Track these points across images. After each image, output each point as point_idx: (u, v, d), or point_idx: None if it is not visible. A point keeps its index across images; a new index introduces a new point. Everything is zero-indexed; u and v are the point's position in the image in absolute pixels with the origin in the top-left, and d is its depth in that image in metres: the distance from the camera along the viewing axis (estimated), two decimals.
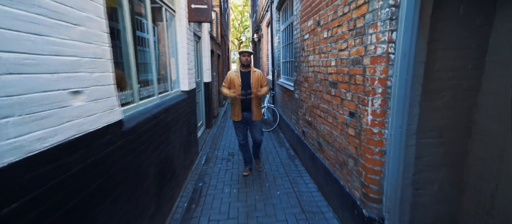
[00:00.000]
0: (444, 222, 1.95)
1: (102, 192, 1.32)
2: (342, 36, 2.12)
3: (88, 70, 1.22)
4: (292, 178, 3.30)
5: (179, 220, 2.41)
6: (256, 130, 3.31)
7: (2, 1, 0.78)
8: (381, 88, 1.64)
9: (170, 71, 3.17)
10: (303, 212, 2.52)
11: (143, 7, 2.39)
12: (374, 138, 1.73)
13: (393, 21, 1.53)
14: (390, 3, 1.51)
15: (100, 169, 1.30)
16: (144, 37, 2.43)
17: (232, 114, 3.32)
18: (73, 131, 1.10)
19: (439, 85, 1.74)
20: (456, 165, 1.87)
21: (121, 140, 1.54)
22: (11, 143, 0.81)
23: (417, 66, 1.60)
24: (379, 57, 1.62)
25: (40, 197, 0.92)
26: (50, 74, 0.97)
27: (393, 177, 1.70)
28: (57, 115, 1.01)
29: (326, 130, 2.64)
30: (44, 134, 0.94)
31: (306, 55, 3.27)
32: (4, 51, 0.78)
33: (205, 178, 3.39)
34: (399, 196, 1.74)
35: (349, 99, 2.04)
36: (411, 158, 1.76)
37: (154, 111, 2.17)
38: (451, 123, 1.81)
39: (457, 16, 1.63)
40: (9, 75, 0.80)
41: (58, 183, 1.00)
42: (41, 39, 0.93)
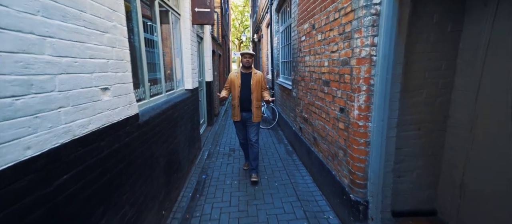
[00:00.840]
0: (423, 205, 2.18)
1: (124, 174, 1.55)
2: (334, 39, 2.34)
3: (113, 70, 1.44)
4: (290, 171, 3.53)
5: (185, 208, 2.63)
6: (251, 131, 3.23)
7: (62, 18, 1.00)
8: (365, 86, 1.87)
9: (175, 70, 3.40)
10: (299, 200, 2.75)
11: (152, 11, 2.61)
12: (359, 130, 1.95)
13: (374, 27, 1.75)
14: (371, 12, 1.73)
15: (122, 154, 1.53)
16: (152, 39, 2.65)
17: (232, 114, 3.36)
18: (103, 121, 1.33)
19: (417, 83, 1.97)
20: (433, 155, 2.10)
21: (138, 131, 1.76)
22: (63, 128, 1.03)
23: (396, 67, 1.83)
24: (363, 59, 1.84)
25: (82, 172, 1.14)
26: (88, 73, 1.20)
27: (375, 165, 1.92)
28: (92, 107, 1.24)
29: (320, 125, 2.87)
30: (83, 122, 1.17)
31: (302, 55, 3.50)
32: (62, 56, 1.01)
33: (208, 171, 3.62)
34: (382, 181, 1.97)
35: (339, 96, 2.27)
36: (392, 148, 1.99)
37: (163, 107, 2.39)
38: (429, 117, 2.04)
39: (431, 23, 1.86)
40: (63, 74, 1.02)
41: (93, 162, 1.23)
42: (82, 45, 1.16)
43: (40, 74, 0.91)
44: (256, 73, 3.21)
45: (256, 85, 3.16)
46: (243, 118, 3.26)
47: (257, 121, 3.26)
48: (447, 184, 2.06)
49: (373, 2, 1.71)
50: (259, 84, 3.18)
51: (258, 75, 3.21)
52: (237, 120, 3.28)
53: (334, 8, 2.30)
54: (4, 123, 0.77)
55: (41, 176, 0.91)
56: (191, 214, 2.52)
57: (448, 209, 2.06)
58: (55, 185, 0.97)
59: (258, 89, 3.18)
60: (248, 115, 3.23)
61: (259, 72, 3.26)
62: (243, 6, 24.40)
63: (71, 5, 1.08)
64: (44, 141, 0.92)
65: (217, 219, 2.44)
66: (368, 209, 2.00)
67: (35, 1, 0.89)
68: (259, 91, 3.19)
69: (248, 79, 3.18)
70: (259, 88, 3.19)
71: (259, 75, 3.22)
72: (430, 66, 1.95)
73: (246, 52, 3.17)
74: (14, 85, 0.81)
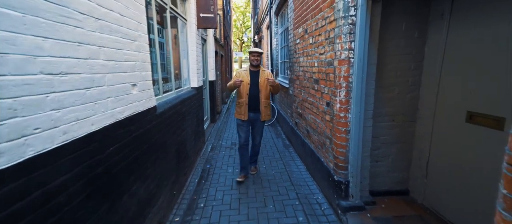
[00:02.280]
0: (397, 186, 2.54)
1: (146, 154, 1.92)
2: (321, 43, 2.71)
3: (139, 70, 1.82)
4: (286, 162, 3.90)
5: (193, 191, 3.01)
6: (257, 131, 3.29)
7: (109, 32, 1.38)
8: (345, 83, 2.23)
9: (182, 70, 3.77)
10: (292, 185, 3.12)
11: (164, 18, 2.99)
12: (341, 121, 2.31)
13: (351, 34, 2.11)
14: (349, 21, 2.09)
15: (145, 138, 1.91)
16: (163, 42, 3.03)
17: (237, 112, 3.22)
18: (133, 109, 1.71)
19: (390, 81, 2.33)
20: (405, 143, 2.46)
21: (156, 121, 2.14)
22: (110, 112, 1.41)
23: (370, 67, 2.19)
24: (343, 60, 2.21)
25: (121, 147, 1.52)
26: (124, 73, 1.58)
27: (354, 149, 2.28)
28: (126, 98, 1.61)
29: (312, 119, 3.23)
30: (121, 109, 1.54)
31: (297, 56, 3.86)
32: (110, 60, 1.39)
33: (211, 161, 4.00)
34: (360, 164, 2.33)
35: (326, 92, 2.63)
36: (369, 136, 2.35)
37: (173, 102, 2.77)
38: (401, 110, 2.40)
39: (401, 31, 2.22)
40: (110, 74, 1.40)
41: (127, 141, 1.61)
42: (120, 51, 1.53)
43: (98, 73, 1.29)
44: (264, 71, 3.16)
45: (265, 82, 3.10)
46: (251, 118, 3.19)
47: (264, 120, 3.24)
48: (416, 167, 2.42)
49: (350, 13, 2.07)
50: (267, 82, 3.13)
51: (267, 73, 3.16)
52: (244, 119, 3.17)
53: (321, 16, 2.66)
54: (80, 107, 1.15)
55: (100, 145, 1.28)
56: (198, 196, 2.90)
57: (417, 188, 2.42)
58: (106, 152, 1.35)
59: (267, 87, 3.13)
60: (255, 116, 3.18)
61: (267, 70, 3.22)
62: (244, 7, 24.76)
63: (115, 22, 1.46)
64: (100, 120, 1.30)
65: (221, 199, 2.81)
66: (349, 188, 2.36)
67: (94, 22, 1.27)
68: (267, 89, 3.14)
69: (257, 76, 3.11)
70: (268, 86, 3.13)
71: (267, 73, 3.17)
72: (401, 67, 2.31)
73: (254, 51, 3.12)
74: (85, 80, 1.18)
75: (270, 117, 3.28)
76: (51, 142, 0.96)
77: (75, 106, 1.11)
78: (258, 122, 3.22)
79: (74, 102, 1.10)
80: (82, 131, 1.15)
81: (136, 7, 1.77)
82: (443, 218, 2.10)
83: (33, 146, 0.88)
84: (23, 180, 0.83)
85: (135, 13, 1.76)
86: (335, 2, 2.27)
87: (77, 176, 1.11)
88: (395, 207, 2.35)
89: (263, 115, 3.18)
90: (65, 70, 1.05)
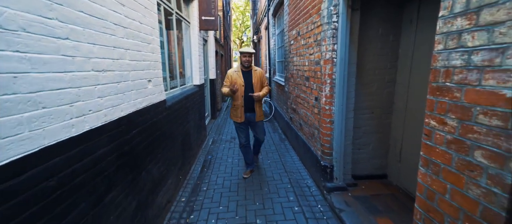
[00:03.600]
0: (377, 171, 2.88)
1: (158, 141, 2.26)
2: (311, 45, 3.04)
3: (152, 68, 2.15)
4: (281, 153, 4.24)
5: (196, 177, 3.35)
6: (260, 131, 3.32)
7: (132, 38, 1.72)
8: (329, 80, 2.56)
9: (186, 69, 4.11)
10: (286, 172, 3.46)
11: (170, 21, 3.32)
12: (326, 112, 2.65)
13: (334, 38, 2.45)
14: (332, 27, 2.43)
15: (158, 126, 2.24)
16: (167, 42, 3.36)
17: (233, 115, 3.21)
18: (148, 101, 2.04)
19: (369, 78, 2.67)
20: (383, 133, 2.80)
21: (165, 112, 2.48)
22: (133, 102, 1.75)
23: (351, 66, 2.53)
24: (328, 60, 2.54)
25: (141, 131, 1.86)
26: (142, 70, 1.91)
27: (338, 137, 2.62)
28: (144, 92, 1.95)
29: (303, 113, 3.57)
30: (140, 101, 1.88)
31: (292, 56, 4.20)
32: (133, 60, 1.72)
33: (212, 153, 4.34)
34: (343, 150, 2.67)
35: (315, 88, 2.97)
36: (351, 126, 2.69)
37: (179, 97, 3.10)
38: (379, 104, 2.74)
39: (378, 35, 2.56)
40: (133, 71, 1.74)
41: (145, 127, 1.94)
42: (140, 53, 1.87)
43: (125, 71, 1.62)
44: (256, 70, 3.15)
45: (258, 83, 3.10)
46: (247, 119, 3.18)
47: (261, 120, 3.26)
48: (393, 154, 2.76)
49: (333, 20, 2.41)
50: (260, 82, 3.14)
51: (258, 72, 3.15)
52: (241, 121, 3.15)
53: (311, 21, 3.00)
54: (114, 96, 1.48)
55: (126, 128, 1.62)
56: (201, 181, 3.24)
57: (393, 172, 2.76)
58: (130, 134, 1.69)
59: (259, 86, 3.13)
60: (251, 116, 3.16)
61: (259, 69, 3.20)
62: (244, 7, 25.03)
63: (136, 29, 1.79)
64: (126, 108, 1.64)
65: (221, 184, 3.16)
66: (333, 171, 2.70)
67: (123, 30, 1.60)
68: (260, 88, 3.14)
69: (249, 77, 3.10)
70: (260, 85, 3.14)
71: (259, 72, 3.16)
72: (379, 66, 2.65)
73: (245, 51, 3.05)
74: (117, 76, 1.52)
75: (263, 118, 3.31)
76: (97, 121, 1.30)
77: (111, 95, 1.45)
78: (255, 121, 3.23)
79: (110, 92, 1.44)
80: (115, 115, 1.49)
81: (150, 15, 2.11)
82: (411, 195, 2.45)
83: (89, 122, 1.22)
84: (82, 147, 1.17)
85: (150, 20, 2.10)
86: (321, 9, 2.61)
87: (112, 150, 1.45)
88: (373, 188, 2.69)
89: (258, 115, 3.19)
90: (105, 68, 1.38)
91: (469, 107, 0.93)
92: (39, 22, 0.92)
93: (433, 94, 1.12)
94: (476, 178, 0.91)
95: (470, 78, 0.92)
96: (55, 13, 1.00)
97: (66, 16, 1.07)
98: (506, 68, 0.79)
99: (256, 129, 3.29)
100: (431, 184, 1.16)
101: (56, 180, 1.00)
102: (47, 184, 0.95)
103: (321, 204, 2.60)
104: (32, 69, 0.89)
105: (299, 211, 2.51)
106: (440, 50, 1.06)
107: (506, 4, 0.77)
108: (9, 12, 0.81)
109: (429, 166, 1.17)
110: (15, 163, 0.82)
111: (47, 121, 0.96)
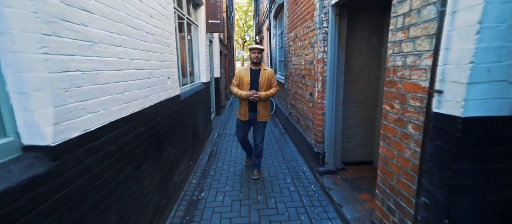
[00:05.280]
0: (364, 158, 3.27)
1: (174, 129, 2.68)
2: (306, 46, 3.44)
3: (171, 67, 2.57)
4: (280, 145, 4.65)
5: (204, 164, 3.77)
6: (258, 133, 3.21)
7: (159, 43, 2.14)
8: (321, 77, 2.96)
9: (194, 68, 4.53)
10: (284, 160, 3.87)
11: (182, 25, 3.74)
12: (319, 106, 3.05)
13: (325, 41, 2.84)
14: (323, 31, 2.82)
15: (174, 116, 2.66)
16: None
17: (239, 113, 3.23)
18: (167, 94, 2.46)
19: (356, 76, 3.06)
20: (369, 124, 3.19)
21: (180, 105, 2.90)
22: (157, 95, 2.16)
23: (340, 66, 2.92)
24: (320, 60, 2.94)
25: (163, 119, 2.28)
26: (164, 69, 2.33)
27: (329, 127, 3.02)
28: (165, 86, 2.37)
29: (300, 107, 3.97)
30: (163, 94, 2.30)
31: (290, 56, 4.59)
32: (158, 60, 2.14)
33: (218, 144, 4.76)
34: (333, 139, 3.07)
35: (309, 85, 3.37)
36: (340, 118, 3.08)
37: (189, 93, 3.52)
38: (365, 98, 3.13)
39: (363, 38, 2.95)
40: (158, 69, 2.16)
41: (165, 115, 2.36)
42: (162, 54, 2.28)
43: (153, 69, 2.04)
44: (265, 70, 3.08)
45: (265, 82, 3.02)
46: (251, 118, 3.13)
47: (263, 121, 3.15)
48: (377, 143, 3.14)
49: (324, 25, 2.80)
50: (267, 82, 3.04)
51: (268, 72, 3.07)
52: (245, 120, 3.12)
53: (306, 25, 3.40)
54: (145, 89, 1.90)
55: (154, 114, 2.04)
56: (208, 167, 3.66)
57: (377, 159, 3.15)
58: (156, 120, 2.11)
59: (267, 87, 3.05)
60: (254, 115, 3.11)
61: (269, 69, 3.13)
62: (247, 7, 25.41)
63: (160, 35, 2.21)
64: (153, 99, 2.06)
65: (227, 170, 3.57)
66: (325, 157, 3.10)
67: (152, 37, 2.02)
68: (267, 89, 3.06)
69: (257, 76, 3.03)
70: (268, 85, 3.06)
71: (269, 72, 3.08)
72: (365, 65, 3.03)
73: (255, 47, 3.03)
74: (148, 73, 1.94)
75: (268, 118, 3.19)
76: (136, 107, 1.72)
77: (144, 88, 1.86)
78: (256, 121, 3.16)
79: (144, 86, 1.86)
80: (147, 104, 1.91)
81: (170, 23, 2.53)
82: None
83: (132, 108, 1.64)
84: (129, 125, 1.59)
85: (170, 27, 2.52)
86: (314, 16, 3.00)
87: (145, 130, 1.87)
88: (360, 172, 3.09)
89: (260, 115, 3.09)
90: (140, 67, 1.80)
91: (405, 94, 1.33)
92: (107, 36, 1.34)
93: (387, 86, 1.52)
94: (408, 144, 1.31)
95: (406, 74, 1.31)
96: (115, 28, 1.42)
97: (120, 30, 1.48)
98: (422, 67, 1.18)
99: (254, 129, 3.24)
100: (386, 153, 1.55)
101: (115, 146, 1.42)
102: (111, 148, 1.37)
103: (314, 185, 3.00)
104: (104, 68, 1.31)
105: (294, 190, 2.92)
106: (390, 54, 1.46)
107: (421, 25, 1.16)
108: (96, 31, 1.23)
109: (385, 140, 1.57)
110: (97, 130, 1.24)
111: (111, 104, 1.38)
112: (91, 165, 1.19)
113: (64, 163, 1.01)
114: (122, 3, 1.51)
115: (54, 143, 0.96)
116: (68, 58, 1.05)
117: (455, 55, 0.99)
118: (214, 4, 4.87)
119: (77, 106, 1.09)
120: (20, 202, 0.80)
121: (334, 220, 2.33)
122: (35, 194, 0.85)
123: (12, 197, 0.78)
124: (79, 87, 1.11)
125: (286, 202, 2.68)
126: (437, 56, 1.06)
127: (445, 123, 1.05)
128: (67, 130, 1.03)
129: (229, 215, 2.47)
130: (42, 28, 0.91)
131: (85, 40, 1.16)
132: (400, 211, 1.42)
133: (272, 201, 2.70)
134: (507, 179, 1.01)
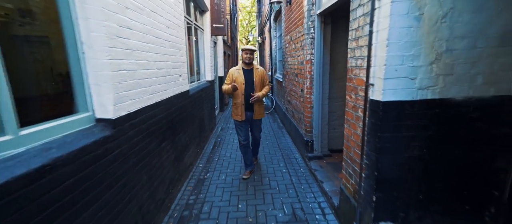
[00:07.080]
0: None
1: (184, 119, 3.20)
2: (298, 49, 3.93)
3: (182, 67, 3.09)
4: (277, 137, 5.15)
5: (209, 152, 4.29)
6: (256, 129, 3.40)
7: (172, 47, 2.66)
8: (309, 76, 3.45)
9: (200, 67, 5.05)
10: (280, 149, 4.37)
11: (190, 29, 4.26)
12: (307, 100, 3.53)
13: (312, 44, 3.33)
14: (310, 36, 3.31)
15: (184, 108, 3.18)
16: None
17: (234, 114, 3.22)
18: (179, 89, 2.98)
19: (340, 74, 3.54)
20: None
21: (189, 99, 3.42)
22: (172, 89, 2.68)
23: (325, 66, 3.40)
24: (308, 61, 3.42)
25: (176, 109, 2.80)
26: (176, 68, 2.85)
27: (316, 119, 3.51)
28: (177, 83, 2.89)
29: (294, 103, 4.46)
30: (176, 89, 2.81)
31: (287, 57, 5.08)
32: (172, 62, 2.66)
33: (222, 136, 5.28)
34: (320, 129, 3.55)
35: (301, 82, 3.85)
36: (326, 110, 3.57)
37: (197, 89, 4.04)
38: None
39: (345, 42, 3.41)
40: (173, 68, 2.68)
41: (178, 107, 2.88)
42: (176, 57, 2.80)
43: (169, 68, 2.56)
44: (258, 69, 3.17)
45: (259, 81, 3.12)
46: (248, 118, 3.22)
47: (260, 118, 3.29)
48: None
49: (311, 31, 3.28)
50: (261, 80, 3.16)
51: (260, 71, 3.18)
52: (241, 120, 3.18)
53: (298, 30, 3.88)
54: (163, 84, 2.42)
55: (171, 105, 2.57)
56: (213, 155, 4.19)
57: None
58: (172, 109, 2.63)
59: (261, 85, 3.16)
60: (252, 114, 3.21)
61: (260, 68, 3.24)
62: (250, 7, 25.87)
63: (174, 41, 2.73)
64: (169, 93, 2.57)
65: (229, 156, 4.09)
66: (313, 145, 3.59)
67: (168, 43, 2.54)
68: (262, 87, 3.18)
69: (251, 75, 3.13)
70: (262, 84, 3.17)
71: (261, 71, 3.19)
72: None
73: (247, 48, 3.11)
74: (165, 72, 2.45)
75: (263, 116, 3.32)
76: (158, 98, 2.24)
77: (162, 84, 2.38)
78: (253, 119, 3.26)
79: (162, 82, 2.38)
80: (165, 96, 2.43)
81: (181, 30, 3.05)
82: None
83: (155, 98, 2.16)
84: (154, 111, 2.11)
85: (181, 34, 3.04)
86: (304, 23, 3.49)
87: (164, 117, 2.39)
88: None
89: (256, 113, 3.21)
90: (160, 67, 2.32)
91: (357, 87, 1.81)
92: (140, 45, 1.86)
93: (348, 82, 2.00)
94: (359, 123, 1.79)
95: (357, 72, 1.80)
96: (145, 39, 1.94)
97: (148, 39, 2.00)
98: (364, 67, 1.67)
99: (253, 127, 3.37)
100: (347, 132, 2.04)
101: (145, 125, 1.94)
102: (142, 126, 1.89)
103: (303, 168, 3.50)
104: (138, 68, 1.83)
105: (286, 172, 3.42)
106: (349, 57, 1.94)
107: (363, 38, 1.65)
108: (134, 42, 1.75)
109: (347, 122, 2.05)
110: (135, 112, 1.76)
111: (142, 94, 1.90)
112: (132, 136, 1.71)
113: (118, 132, 1.53)
114: (149, 19, 2.03)
115: (114, 117, 1.48)
116: (120, 62, 1.56)
117: (378, 60, 1.48)
118: (218, 10, 5.38)
119: (124, 94, 1.61)
120: (100, 150, 1.32)
121: (316, 193, 2.83)
122: (106, 147, 1.38)
123: (97, 146, 1.30)
124: (125, 81, 1.63)
125: (278, 180, 3.18)
126: (370, 60, 1.54)
127: (374, 106, 1.53)
128: (120, 110, 1.55)
129: (230, 189, 2.98)
130: (108, 43, 1.43)
131: (128, 48, 1.68)
132: (355, 175, 1.91)
133: (266, 180, 3.20)
134: (412, 143, 1.48)
